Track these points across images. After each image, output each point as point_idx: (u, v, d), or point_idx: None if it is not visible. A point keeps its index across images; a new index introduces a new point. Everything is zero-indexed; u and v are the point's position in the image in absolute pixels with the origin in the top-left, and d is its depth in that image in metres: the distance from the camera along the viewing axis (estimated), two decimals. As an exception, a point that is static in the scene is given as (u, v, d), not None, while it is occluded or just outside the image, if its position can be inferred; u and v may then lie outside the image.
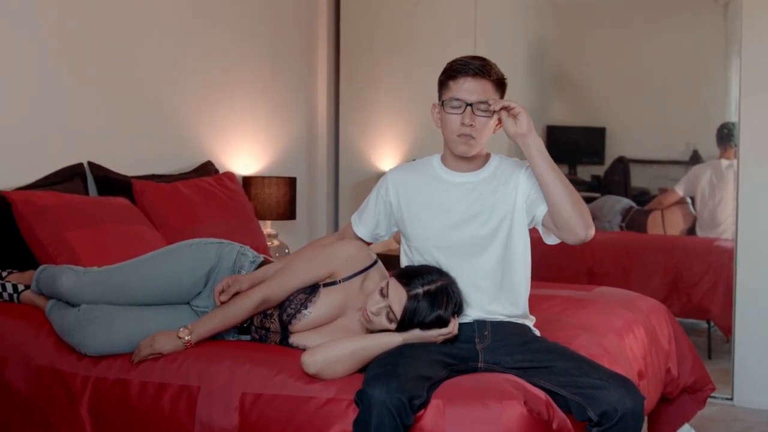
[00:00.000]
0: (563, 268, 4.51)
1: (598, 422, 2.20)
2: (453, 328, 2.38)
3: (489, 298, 2.46)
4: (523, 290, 2.51)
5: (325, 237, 2.82)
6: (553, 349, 2.41)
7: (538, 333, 2.55)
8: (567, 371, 2.29)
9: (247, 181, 4.34)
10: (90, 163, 3.57)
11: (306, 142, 4.97)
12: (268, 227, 4.40)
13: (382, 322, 2.38)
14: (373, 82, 5.09)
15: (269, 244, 4.24)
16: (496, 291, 2.46)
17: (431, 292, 2.35)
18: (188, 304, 2.72)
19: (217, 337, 2.61)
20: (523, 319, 2.52)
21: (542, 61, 4.83)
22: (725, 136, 4.21)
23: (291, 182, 4.40)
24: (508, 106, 2.35)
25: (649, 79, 4.47)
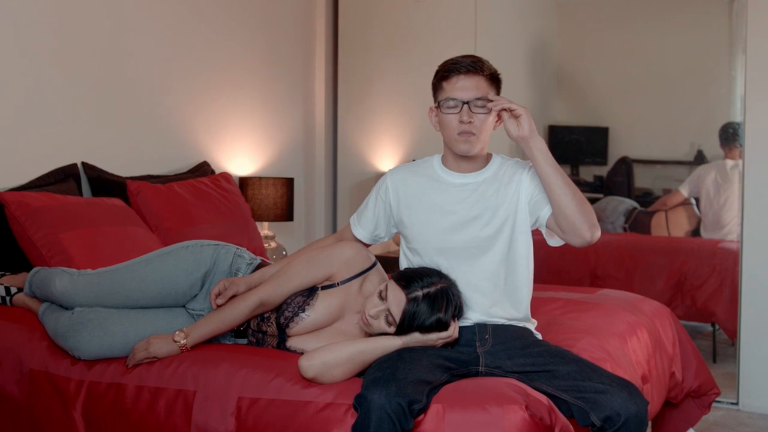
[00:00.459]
0: (565, 271, 4.51)
1: (601, 427, 2.20)
2: (453, 331, 2.38)
3: (490, 301, 2.46)
4: (525, 293, 2.51)
5: (323, 239, 2.82)
6: (555, 353, 2.40)
7: (539, 336, 2.55)
8: (569, 375, 2.29)
9: (244, 182, 4.35)
10: (84, 164, 3.57)
11: (304, 142, 4.97)
12: (265, 229, 4.40)
13: (381, 325, 2.38)
14: (371, 81, 5.09)
15: (266, 245, 4.25)
16: (498, 294, 2.47)
17: (431, 294, 2.35)
18: (184, 307, 2.72)
19: (213, 341, 2.62)
20: (525, 322, 2.53)
21: (544, 60, 4.83)
22: (730, 136, 4.21)
23: (288, 183, 4.40)
24: (510, 108, 2.35)
25: (653, 78, 4.47)
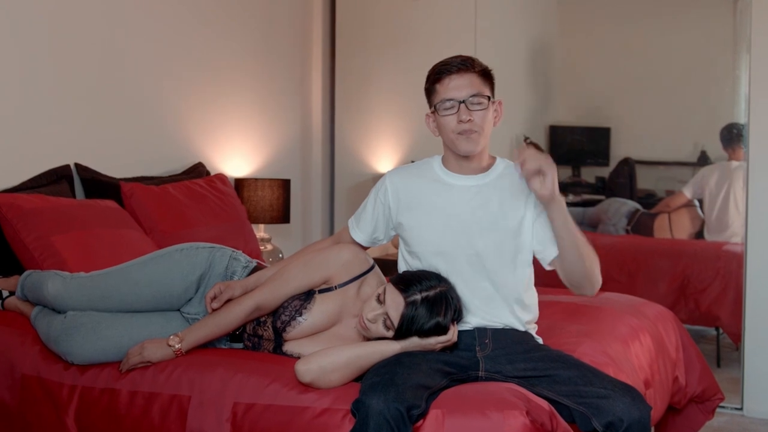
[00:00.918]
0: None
1: (602, 433, 2.21)
2: (452, 335, 2.38)
3: (492, 304, 2.46)
4: (526, 298, 2.51)
5: (320, 241, 2.82)
6: (557, 357, 2.41)
7: (540, 341, 2.55)
8: (571, 380, 2.29)
9: (240, 183, 4.35)
10: (77, 165, 3.57)
11: (300, 143, 4.97)
12: (261, 231, 4.40)
13: (379, 329, 2.38)
14: (369, 81, 5.09)
15: (262, 248, 4.25)
16: (501, 295, 2.47)
17: (430, 298, 2.35)
18: (179, 311, 2.72)
19: (208, 345, 2.61)
20: (526, 326, 2.53)
21: (545, 59, 4.84)
22: (734, 137, 4.21)
23: (285, 184, 4.41)
24: (538, 169, 2.30)
25: (656, 78, 4.48)
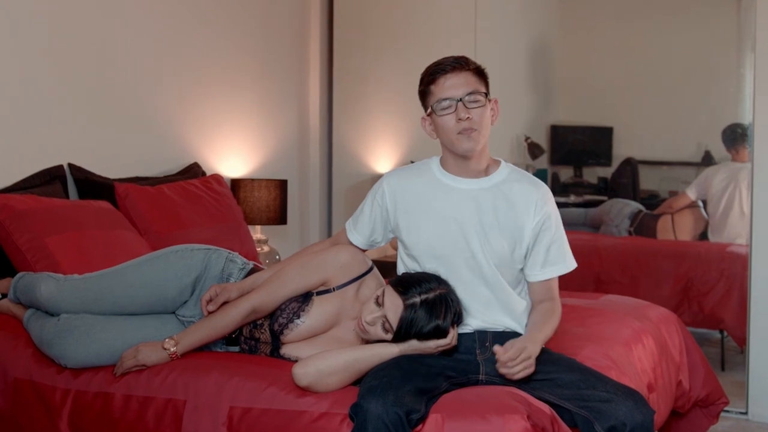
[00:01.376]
0: (568, 275, 4.47)
1: (605, 437, 2.21)
2: (452, 338, 2.38)
3: (490, 308, 2.46)
4: (527, 299, 2.52)
5: (318, 243, 2.82)
6: (558, 361, 2.41)
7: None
8: (572, 383, 2.30)
9: (236, 184, 4.35)
10: (71, 165, 3.57)
11: (298, 143, 4.97)
12: (257, 232, 4.40)
13: (378, 332, 2.38)
14: (367, 80, 5.09)
15: (259, 250, 4.25)
16: (498, 300, 2.47)
17: (429, 301, 2.35)
18: (174, 314, 2.72)
19: (204, 349, 2.62)
20: (526, 329, 2.52)
21: (546, 58, 4.84)
22: (738, 137, 4.21)
23: (282, 185, 4.41)
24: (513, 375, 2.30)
25: (659, 77, 4.48)
